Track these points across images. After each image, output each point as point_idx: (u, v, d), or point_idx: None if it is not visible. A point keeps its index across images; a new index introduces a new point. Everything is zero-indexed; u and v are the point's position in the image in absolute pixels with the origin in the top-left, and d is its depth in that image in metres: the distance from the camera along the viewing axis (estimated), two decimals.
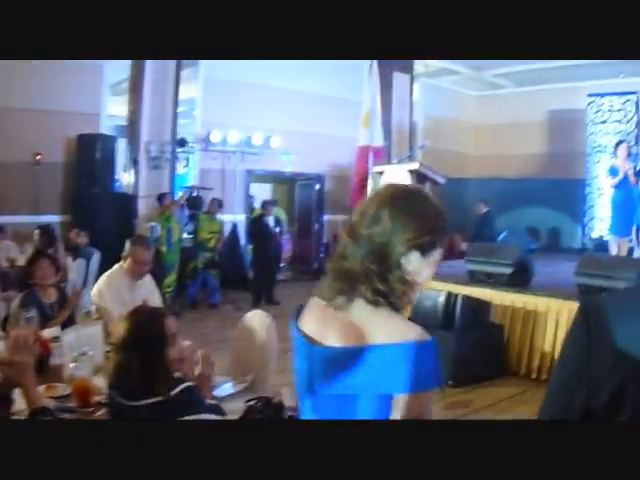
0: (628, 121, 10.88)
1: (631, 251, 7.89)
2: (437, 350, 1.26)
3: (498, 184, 12.57)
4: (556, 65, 11.69)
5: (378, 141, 8.74)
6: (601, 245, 9.88)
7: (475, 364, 5.48)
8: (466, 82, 14.32)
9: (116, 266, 3.91)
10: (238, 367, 3.43)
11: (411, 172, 6.82)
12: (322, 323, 1.36)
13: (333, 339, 1.32)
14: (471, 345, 5.52)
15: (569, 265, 6.83)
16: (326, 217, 12.41)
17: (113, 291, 3.76)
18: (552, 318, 5.69)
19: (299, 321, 1.44)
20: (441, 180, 7.12)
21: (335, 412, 1.32)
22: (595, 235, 10.58)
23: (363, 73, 8.98)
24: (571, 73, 12.02)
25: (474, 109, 14.87)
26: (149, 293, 3.92)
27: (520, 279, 6.19)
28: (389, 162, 8.19)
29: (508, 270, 6.17)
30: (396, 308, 1.31)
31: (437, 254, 1.35)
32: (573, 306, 5.50)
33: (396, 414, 1.25)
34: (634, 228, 7.62)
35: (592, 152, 11.18)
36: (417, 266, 1.32)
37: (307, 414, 1.41)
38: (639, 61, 10.43)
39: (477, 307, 5.74)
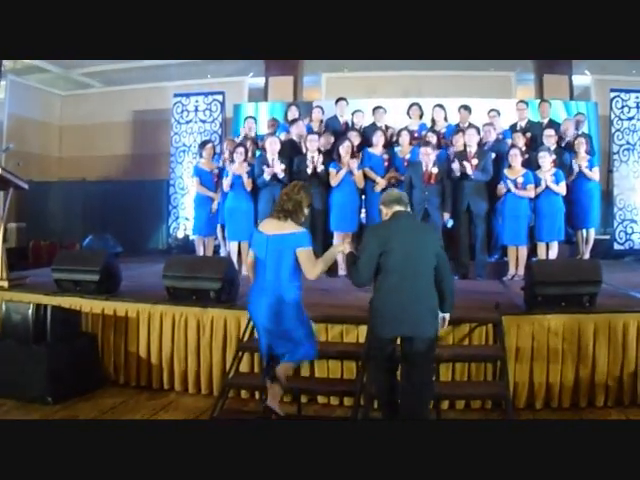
0: (213, 120, 11.33)
1: (217, 249, 8.39)
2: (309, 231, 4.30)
3: (82, 187, 12.32)
4: (143, 65, 12.07)
5: None
6: (187, 245, 10.19)
7: (72, 377, 5.46)
8: (55, 81, 13.96)
9: None
10: None
11: None
12: (271, 227, 4.12)
13: (280, 232, 4.07)
14: (65, 358, 5.49)
15: (156, 267, 6.89)
16: None
17: None
18: (144, 323, 5.85)
19: (259, 228, 4.25)
20: (24, 185, 7.05)
21: (276, 258, 4.04)
22: (180, 235, 10.88)
23: None
24: (158, 73, 12.46)
25: (60, 109, 14.33)
26: None
27: (108, 285, 6.29)
28: None
29: (95, 277, 6.17)
30: (300, 224, 4.16)
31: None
32: (164, 310, 5.56)
33: (299, 258, 4.01)
34: (219, 226, 8.13)
35: (176, 152, 11.43)
36: (306, 211, 4.24)
37: (262, 263, 4.11)
38: (224, 61, 11.20)
39: (67, 318, 5.73)
